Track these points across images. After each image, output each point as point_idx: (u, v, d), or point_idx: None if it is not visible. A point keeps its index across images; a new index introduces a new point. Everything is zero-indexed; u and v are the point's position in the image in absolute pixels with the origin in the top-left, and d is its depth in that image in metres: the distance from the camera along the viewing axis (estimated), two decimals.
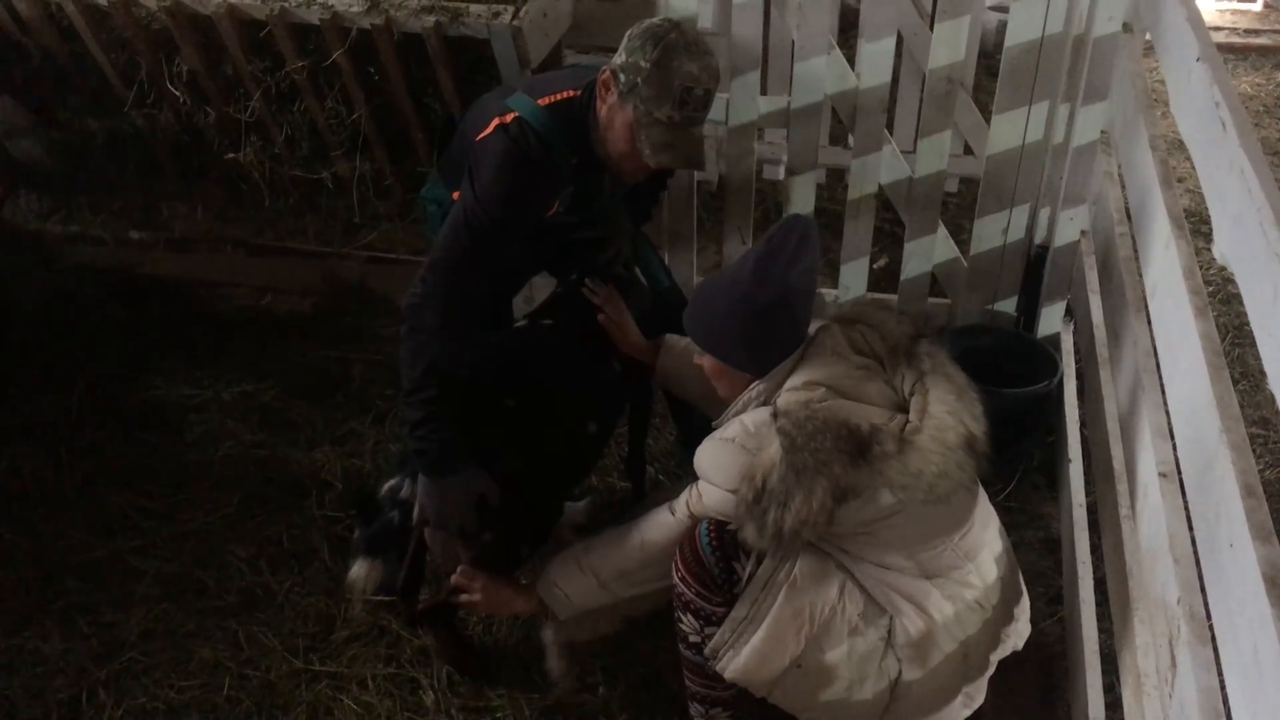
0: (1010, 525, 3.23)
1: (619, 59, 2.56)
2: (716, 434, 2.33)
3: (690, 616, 2.36)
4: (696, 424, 3.23)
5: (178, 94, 3.81)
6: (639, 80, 2.50)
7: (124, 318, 4.29)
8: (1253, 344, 3.94)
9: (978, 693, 2.38)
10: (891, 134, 3.75)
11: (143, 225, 4.46)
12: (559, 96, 2.65)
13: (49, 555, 3.31)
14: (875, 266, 4.17)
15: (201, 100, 3.86)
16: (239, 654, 3.01)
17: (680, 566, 2.34)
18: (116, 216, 4.48)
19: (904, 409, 2.22)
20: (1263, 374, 3.76)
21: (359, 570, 2.69)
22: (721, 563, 2.30)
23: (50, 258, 4.45)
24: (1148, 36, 3.21)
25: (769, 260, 2.28)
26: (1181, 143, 4.70)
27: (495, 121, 2.60)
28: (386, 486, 2.77)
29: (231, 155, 3.97)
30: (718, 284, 2.38)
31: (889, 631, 2.29)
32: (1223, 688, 1.75)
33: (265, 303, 4.43)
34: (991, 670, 2.39)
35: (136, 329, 4.25)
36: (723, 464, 2.26)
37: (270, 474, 3.60)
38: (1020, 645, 2.44)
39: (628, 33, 2.58)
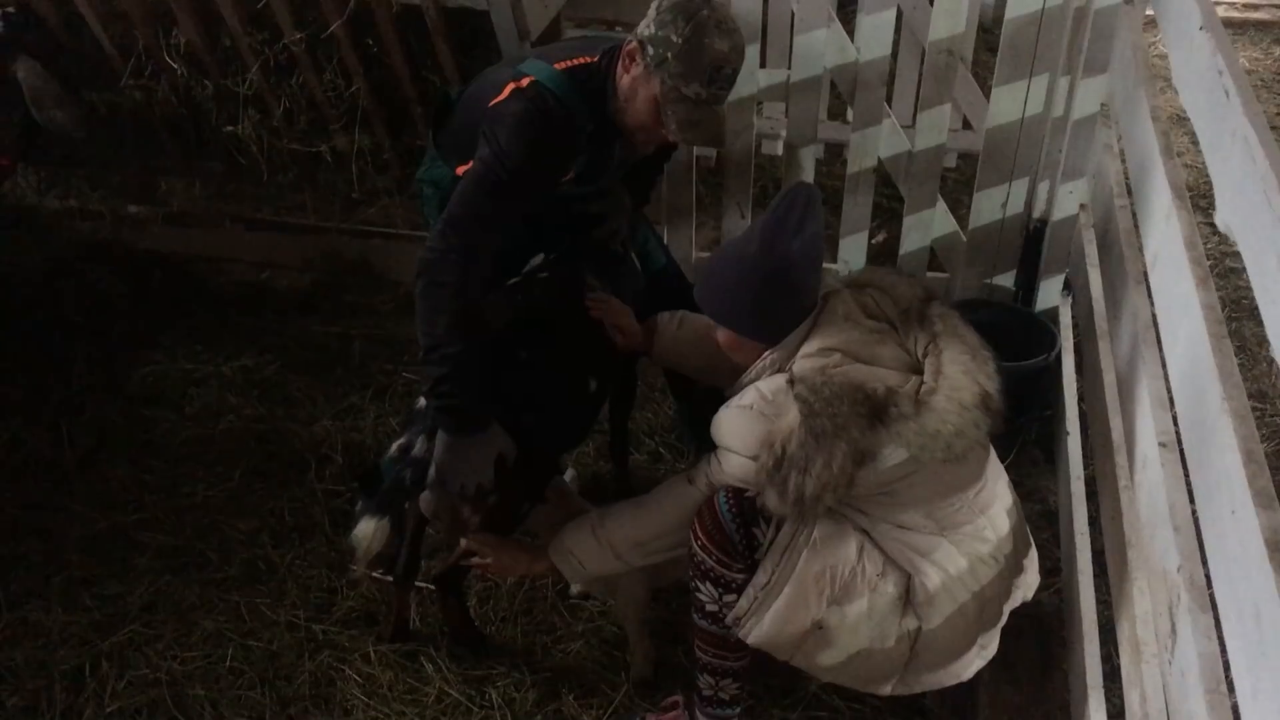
0: None
1: (647, 30, 2.53)
2: (733, 402, 2.33)
3: (709, 585, 2.37)
4: (697, 397, 3.25)
5: (175, 66, 3.80)
6: (669, 55, 2.48)
7: (123, 293, 4.27)
8: (1250, 317, 3.96)
9: (991, 642, 2.42)
10: (890, 108, 3.74)
11: (141, 200, 4.46)
12: (576, 62, 2.63)
13: (51, 529, 3.32)
14: (874, 241, 4.17)
15: (199, 73, 3.85)
16: (241, 626, 3.02)
17: (700, 535, 2.35)
18: (114, 191, 4.47)
19: (918, 371, 2.24)
20: (1260, 347, 3.78)
21: (365, 528, 2.63)
22: (742, 529, 2.31)
23: (48, 232, 4.43)
24: (1149, 11, 3.21)
25: (776, 228, 2.29)
26: (1179, 118, 4.73)
27: (510, 86, 2.57)
28: (396, 445, 2.72)
29: (230, 128, 3.96)
30: (726, 255, 2.39)
31: (907, 589, 2.31)
32: (1223, 653, 1.77)
33: (264, 278, 4.42)
34: (1004, 620, 2.42)
35: (135, 304, 4.24)
36: (742, 431, 2.27)
37: (271, 448, 3.61)
38: (1030, 596, 2.48)
39: (656, 2, 2.55)
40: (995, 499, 2.38)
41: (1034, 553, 2.52)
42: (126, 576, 3.17)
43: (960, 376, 2.19)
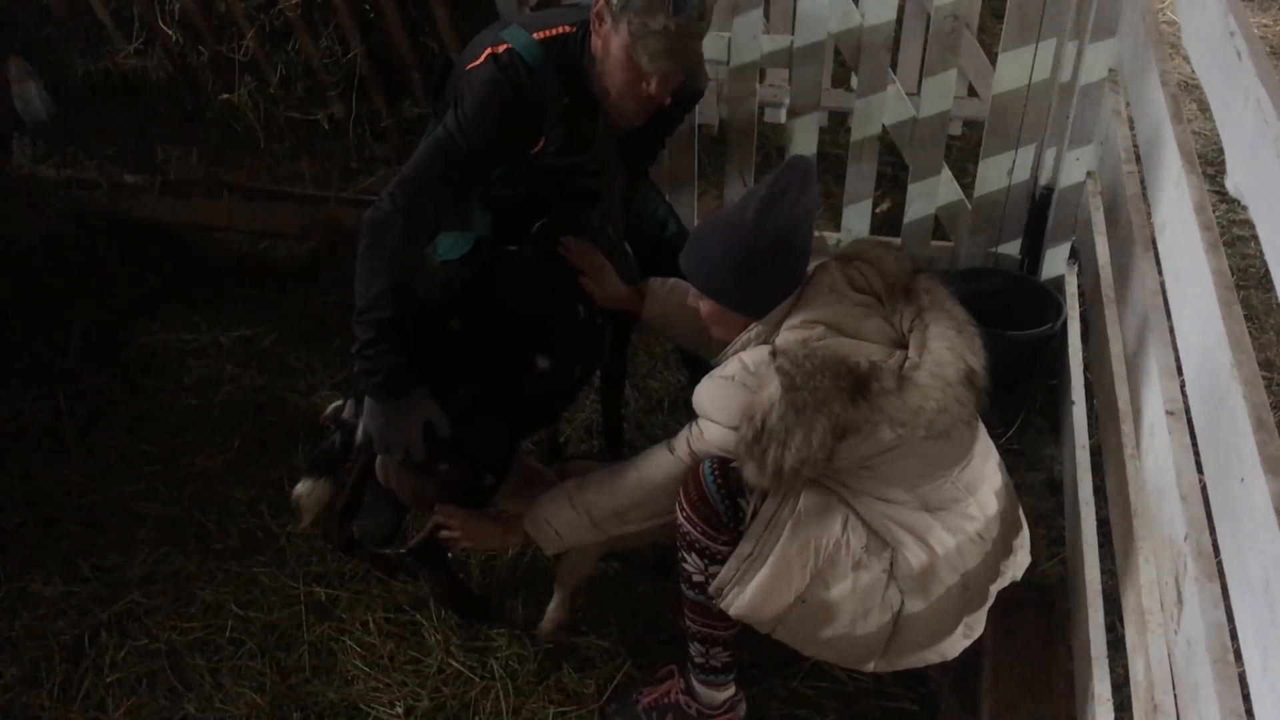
0: (1013, 467, 3.22)
1: None
2: (716, 372, 2.30)
3: (694, 555, 2.35)
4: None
5: (170, 33, 3.76)
6: None
7: (120, 262, 4.26)
8: (1258, 286, 3.93)
9: (977, 624, 2.39)
10: (895, 74, 3.70)
11: (137, 169, 4.43)
12: (554, 32, 2.58)
13: (49, 500, 3.31)
14: (878, 210, 4.14)
15: (194, 39, 3.81)
16: (241, 596, 3.01)
17: (685, 505, 2.33)
18: (111, 160, 4.44)
19: (903, 345, 2.21)
20: (1268, 315, 3.75)
21: (302, 489, 2.65)
22: (727, 500, 2.29)
23: (45, 202, 4.40)
24: None
25: (772, 203, 2.23)
26: (1186, 86, 4.69)
27: (487, 51, 2.53)
28: (332, 407, 2.71)
29: (226, 96, 3.92)
30: (717, 227, 2.33)
31: (891, 564, 2.29)
32: (1230, 623, 1.75)
33: (263, 248, 4.39)
34: (990, 601, 2.40)
35: (133, 274, 4.22)
36: (723, 402, 2.24)
37: (270, 418, 3.60)
38: (1019, 575, 2.45)
39: None
40: (983, 480, 2.34)
41: (1025, 534, 2.48)
42: (125, 547, 3.16)
43: (945, 352, 2.16)
